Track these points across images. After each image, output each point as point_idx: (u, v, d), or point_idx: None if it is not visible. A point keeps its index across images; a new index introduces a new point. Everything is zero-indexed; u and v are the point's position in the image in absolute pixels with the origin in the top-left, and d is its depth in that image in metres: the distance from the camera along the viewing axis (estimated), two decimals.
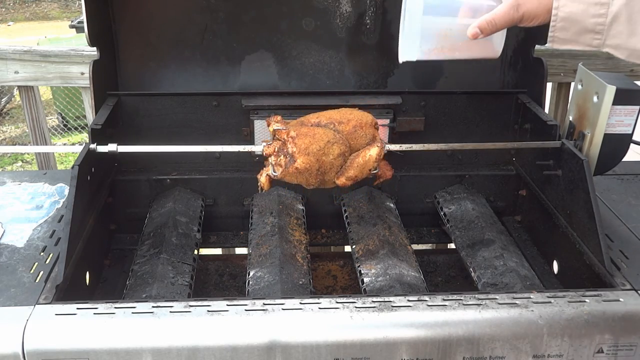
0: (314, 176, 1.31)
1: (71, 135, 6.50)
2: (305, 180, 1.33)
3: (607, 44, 1.09)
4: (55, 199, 1.47)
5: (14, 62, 1.98)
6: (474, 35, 1.13)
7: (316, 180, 1.32)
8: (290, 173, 1.31)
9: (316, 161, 1.30)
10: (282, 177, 1.33)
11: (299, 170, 1.31)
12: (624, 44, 1.08)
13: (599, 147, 1.38)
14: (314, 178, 1.31)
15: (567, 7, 1.08)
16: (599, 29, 1.08)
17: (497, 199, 1.74)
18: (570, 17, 1.08)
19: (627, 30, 1.07)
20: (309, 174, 1.31)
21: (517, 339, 1.04)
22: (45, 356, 0.99)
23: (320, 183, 1.34)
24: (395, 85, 1.73)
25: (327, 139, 1.30)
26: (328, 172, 1.32)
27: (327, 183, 1.35)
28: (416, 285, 1.31)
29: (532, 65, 1.64)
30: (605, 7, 1.06)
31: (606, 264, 1.20)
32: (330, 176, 1.32)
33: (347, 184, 1.33)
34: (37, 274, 1.17)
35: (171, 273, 1.34)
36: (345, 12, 1.64)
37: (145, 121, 1.65)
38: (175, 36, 1.65)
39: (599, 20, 1.07)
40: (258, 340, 1.01)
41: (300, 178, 1.32)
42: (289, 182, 1.35)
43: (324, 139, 1.30)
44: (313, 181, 1.32)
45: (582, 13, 1.07)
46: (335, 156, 1.30)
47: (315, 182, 1.33)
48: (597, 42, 1.10)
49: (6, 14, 12.99)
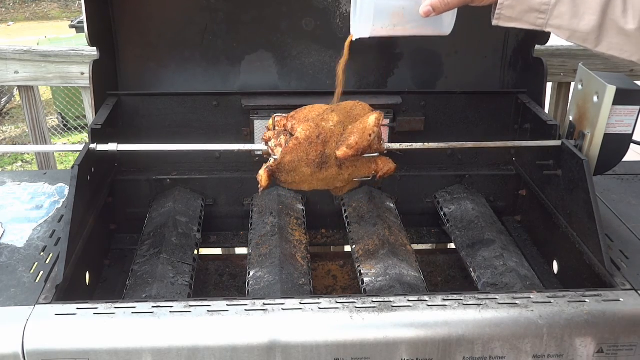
0: (314, 148, 1.26)
1: (71, 135, 6.50)
2: (306, 156, 1.27)
3: (550, 24, 1.13)
4: (55, 199, 1.47)
5: (14, 62, 1.98)
6: (427, 13, 1.15)
7: (317, 154, 1.27)
8: (291, 150, 1.27)
9: (316, 127, 1.27)
10: (282, 159, 1.28)
11: (300, 142, 1.26)
12: (566, 24, 1.13)
13: (599, 147, 1.38)
14: (314, 151, 1.27)
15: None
16: (544, 9, 1.12)
17: (497, 199, 1.74)
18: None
19: (570, 11, 1.11)
20: (310, 144, 1.26)
21: (517, 339, 1.04)
22: (45, 356, 0.99)
23: (322, 162, 1.28)
24: (395, 85, 1.72)
25: (326, 108, 1.31)
26: (329, 141, 1.27)
27: (330, 164, 1.29)
28: (416, 285, 1.31)
29: (532, 65, 1.64)
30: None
31: (606, 264, 1.20)
32: (332, 147, 1.27)
33: (348, 155, 1.27)
34: (37, 274, 1.17)
35: (171, 273, 1.34)
36: (345, 12, 1.64)
37: (145, 121, 1.64)
38: (175, 36, 1.64)
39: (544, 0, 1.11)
40: (258, 340, 1.01)
41: (301, 153, 1.27)
42: (288, 167, 1.29)
43: (322, 108, 1.31)
44: (314, 155, 1.27)
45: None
46: (335, 123, 1.28)
47: (316, 156, 1.27)
48: (540, 21, 1.13)
49: (6, 14, 12.99)
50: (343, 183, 1.34)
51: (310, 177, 1.30)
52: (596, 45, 1.13)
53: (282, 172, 1.30)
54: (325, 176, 1.30)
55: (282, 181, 1.32)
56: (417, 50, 1.70)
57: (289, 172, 1.30)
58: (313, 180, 1.31)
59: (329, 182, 1.33)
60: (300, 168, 1.28)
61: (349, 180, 1.34)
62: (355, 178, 1.35)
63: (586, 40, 1.13)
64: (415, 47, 1.70)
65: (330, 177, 1.31)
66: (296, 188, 1.35)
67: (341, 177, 1.32)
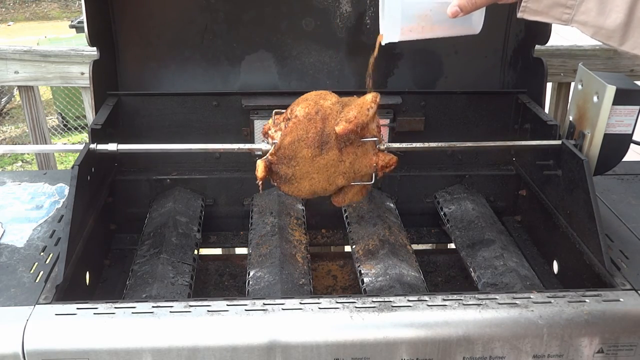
0: (314, 125, 1.27)
1: (71, 135, 6.50)
2: (306, 134, 1.27)
3: (576, 19, 1.12)
4: (55, 199, 1.47)
5: (14, 62, 1.98)
6: (454, 14, 1.14)
7: (317, 132, 1.27)
8: (290, 129, 1.27)
9: (315, 104, 1.28)
10: (282, 141, 1.28)
11: (299, 119, 1.27)
12: (591, 21, 1.11)
13: (599, 147, 1.38)
14: (314, 128, 1.27)
15: None
16: (570, 4, 1.11)
17: (497, 199, 1.74)
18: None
19: (597, 8, 1.10)
20: (309, 120, 1.27)
21: (517, 339, 1.04)
22: (45, 356, 0.99)
23: (322, 141, 1.28)
24: (395, 85, 1.72)
25: (323, 91, 1.33)
26: (328, 118, 1.28)
27: (330, 144, 1.28)
28: (416, 285, 1.31)
29: (532, 65, 1.64)
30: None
31: (606, 264, 1.20)
32: (331, 125, 1.27)
33: (347, 129, 1.27)
34: (37, 274, 1.17)
35: (171, 273, 1.34)
36: (345, 12, 1.64)
37: (145, 121, 1.65)
38: (175, 36, 1.65)
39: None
40: (258, 340, 1.01)
41: (300, 131, 1.27)
42: (288, 152, 1.28)
43: (320, 91, 1.33)
44: (314, 132, 1.27)
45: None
46: (334, 102, 1.30)
47: (315, 133, 1.27)
48: (566, 16, 1.12)
49: (6, 14, 12.99)
50: (344, 179, 1.33)
51: (311, 163, 1.29)
52: (621, 43, 1.11)
53: (282, 162, 1.29)
54: (326, 162, 1.29)
55: (281, 175, 1.30)
56: (417, 50, 1.70)
57: (289, 161, 1.28)
58: (313, 172, 1.30)
59: (330, 175, 1.31)
60: (300, 151, 1.28)
61: (350, 173, 1.32)
62: (355, 182, 1.34)
63: (611, 38, 1.11)
64: (415, 47, 1.70)
65: (331, 165, 1.30)
66: (296, 191, 1.33)
67: (342, 167, 1.31)
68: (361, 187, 1.38)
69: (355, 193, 1.38)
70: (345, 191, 1.37)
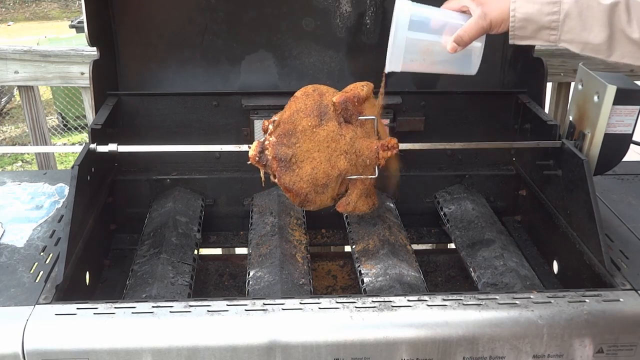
0: (312, 98, 1.32)
1: (71, 135, 6.50)
2: (304, 105, 1.31)
3: (563, 39, 1.18)
4: (55, 199, 1.47)
5: (14, 62, 1.98)
6: (453, 49, 1.24)
7: (314, 102, 1.31)
8: (289, 106, 1.33)
9: (312, 85, 1.36)
10: (281, 116, 1.31)
11: (297, 97, 1.33)
12: (577, 38, 1.17)
13: (599, 147, 1.38)
14: (312, 100, 1.31)
15: (522, 8, 1.18)
16: (554, 26, 1.17)
17: (497, 199, 1.74)
18: (526, 17, 1.18)
19: (578, 25, 1.16)
20: (307, 96, 1.33)
21: (517, 339, 1.04)
22: (45, 356, 0.99)
23: (321, 112, 1.31)
24: (395, 85, 1.72)
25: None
26: (325, 94, 1.34)
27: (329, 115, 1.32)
28: (416, 285, 1.31)
29: (532, 65, 1.64)
30: (557, 5, 1.16)
31: (606, 264, 1.20)
32: (328, 99, 1.33)
33: (344, 97, 1.33)
34: (37, 274, 1.17)
35: (171, 273, 1.34)
36: (345, 12, 1.64)
37: (145, 121, 1.64)
38: (175, 36, 1.65)
39: (552, 17, 1.17)
40: (258, 340, 1.01)
41: (299, 104, 1.31)
42: (288, 126, 1.30)
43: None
44: (311, 103, 1.31)
45: (537, 13, 1.17)
46: (328, 86, 1.37)
47: (313, 103, 1.31)
48: (553, 37, 1.19)
49: (6, 14, 12.99)
50: (347, 161, 1.32)
51: (311, 137, 1.30)
52: (609, 55, 1.17)
53: (282, 141, 1.29)
54: (326, 134, 1.31)
55: (281, 158, 1.29)
56: None
57: (289, 137, 1.30)
58: (314, 149, 1.30)
59: (331, 153, 1.31)
60: (299, 122, 1.30)
61: (351, 154, 1.32)
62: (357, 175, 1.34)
63: (599, 52, 1.17)
64: None
65: (331, 138, 1.31)
66: (297, 179, 1.30)
67: (343, 143, 1.31)
68: (366, 193, 1.37)
69: (359, 196, 1.37)
70: (349, 193, 1.37)
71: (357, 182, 1.36)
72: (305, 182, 1.31)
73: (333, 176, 1.32)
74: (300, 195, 1.32)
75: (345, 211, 1.39)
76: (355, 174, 1.35)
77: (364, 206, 1.39)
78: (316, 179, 1.31)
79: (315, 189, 1.32)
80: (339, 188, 1.36)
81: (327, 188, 1.33)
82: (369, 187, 1.38)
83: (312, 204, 1.35)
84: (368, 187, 1.37)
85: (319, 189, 1.33)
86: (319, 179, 1.32)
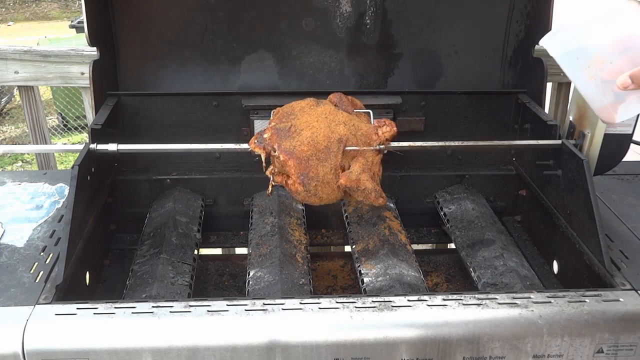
0: (307, 101, 1.38)
1: (71, 135, 6.50)
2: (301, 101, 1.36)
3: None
4: (55, 199, 1.47)
5: (14, 62, 1.98)
6: (624, 85, 1.04)
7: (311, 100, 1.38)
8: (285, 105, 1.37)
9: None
10: (278, 109, 1.36)
11: (293, 102, 1.38)
12: None
13: (599, 147, 1.38)
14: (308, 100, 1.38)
15: None
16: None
17: (497, 199, 1.74)
18: None
19: None
20: (304, 101, 1.39)
21: (517, 339, 1.04)
22: (45, 356, 0.99)
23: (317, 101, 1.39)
24: (395, 85, 1.73)
25: None
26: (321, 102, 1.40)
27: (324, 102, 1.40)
28: (416, 285, 1.31)
29: (532, 65, 1.64)
30: None
31: (606, 264, 1.20)
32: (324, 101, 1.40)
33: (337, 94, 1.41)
34: (37, 274, 1.17)
35: (171, 273, 1.34)
36: (345, 12, 1.64)
37: (145, 121, 1.64)
38: (175, 36, 1.65)
39: None
40: (258, 340, 1.01)
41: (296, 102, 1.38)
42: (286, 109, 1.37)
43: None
44: (308, 100, 1.36)
45: None
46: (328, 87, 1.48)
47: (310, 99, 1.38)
48: None
49: (6, 14, 12.99)
50: (346, 128, 1.32)
51: (309, 112, 1.34)
52: None
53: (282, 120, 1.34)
54: (323, 109, 1.36)
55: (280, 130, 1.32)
56: (417, 50, 1.70)
57: (287, 116, 1.35)
58: (313, 120, 1.32)
59: (330, 122, 1.32)
60: (297, 105, 1.38)
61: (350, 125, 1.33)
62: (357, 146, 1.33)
63: None
64: (415, 47, 1.70)
65: (329, 112, 1.35)
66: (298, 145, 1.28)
67: (341, 116, 1.34)
68: (370, 171, 1.34)
69: (362, 169, 1.31)
70: (352, 165, 1.31)
71: (359, 157, 1.32)
72: (306, 145, 1.28)
73: (334, 140, 1.29)
74: (302, 159, 1.26)
75: (348, 183, 1.30)
76: (355, 145, 1.31)
77: (368, 181, 1.31)
78: (317, 142, 1.29)
79: (316, 155, 1.28)
80: (342, 160, 1.31)
81: (329, 154, 1.29)
82: (372, 166, 1.34)
83: (315, 179, 1.28)
84: (371, 165, 1.33)
85: (321, 154, 1.28)
86: (320, 142, 1.29)
